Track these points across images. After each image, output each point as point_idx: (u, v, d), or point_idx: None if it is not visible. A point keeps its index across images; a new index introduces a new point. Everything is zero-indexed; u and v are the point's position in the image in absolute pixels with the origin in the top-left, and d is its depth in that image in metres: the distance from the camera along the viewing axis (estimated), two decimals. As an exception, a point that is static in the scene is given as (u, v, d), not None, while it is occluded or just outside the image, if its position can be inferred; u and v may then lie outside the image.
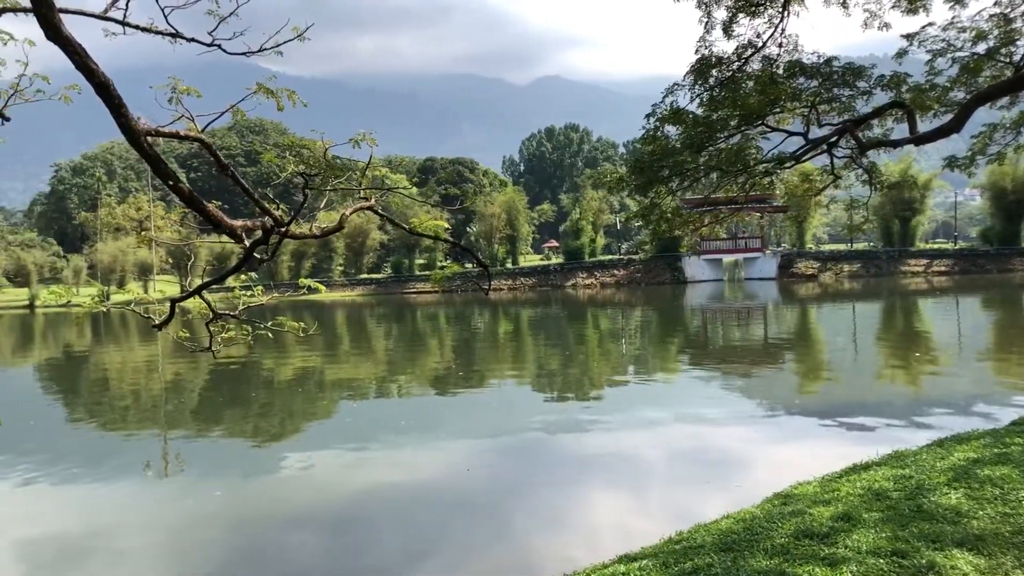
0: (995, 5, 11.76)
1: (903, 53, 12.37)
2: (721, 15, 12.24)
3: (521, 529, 9.35)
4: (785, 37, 12.20)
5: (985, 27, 11.79)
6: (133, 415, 18.81)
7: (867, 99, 11.72)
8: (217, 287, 5.69)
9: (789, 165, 12.05)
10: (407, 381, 22.87)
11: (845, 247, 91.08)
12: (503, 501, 10.56)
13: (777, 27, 12.09)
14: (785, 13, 11.96)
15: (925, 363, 21.23)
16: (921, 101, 11.37)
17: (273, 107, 4.74)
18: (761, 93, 11.25)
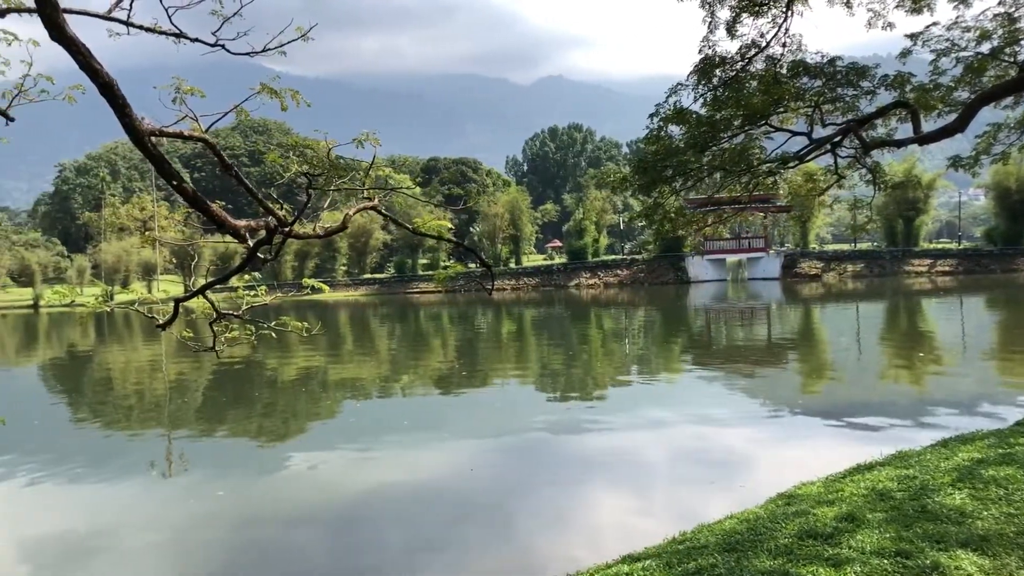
0: (999, 4, 11.73)
1: (907, 53, 12.34)
2: (725, 15, 12.25)
3: (524, 529, 9.35)
4: (789, 37, 12.20)
5: (989, 27, 11.76)
6: (137, 415, 18.84)
7: (871, 99, 11.71)
8: (221, 287, 5.71)
9: (793, 165, 12.05)
10: (410, 381, 22.88)
11: (849, 247, 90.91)
12: (506, 501, 10.56)
13: (781, 27, 12.08)
14: (789, 13, 11.95)
15: (929, 363, 21.20)
16: (925, 101, 11.36)
17: (277, 107, 4.75)
18: (765, 93, 11.25)
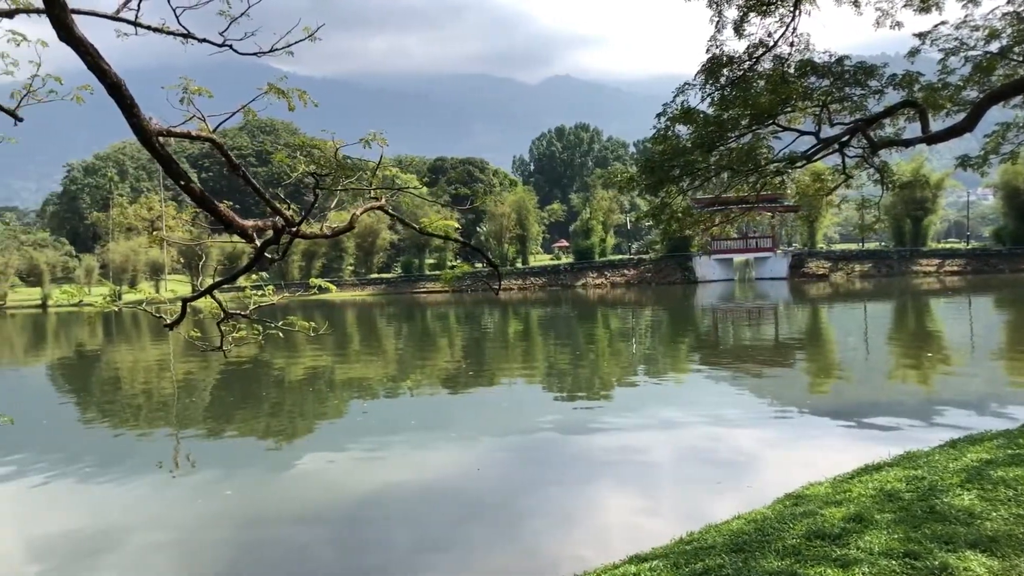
0: (1008, 3, 11.69)
1: (915, 52, 12.32)
2: (732, 14, 12.24)
3: (531, 529, 9.34)
4: (796, 36, 12.18)
5: (998, 26, 11.73)
6: (145, 414, 18.89)
7: (879, 98, 11.68)
8: (228, 287, 5.71)
9: (800, 164, 12.04)
10: (417, 380, 22.89)
11: (856, 247, 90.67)
12: (513, 500, 10.55)
13: (788, 26, 12.06)
14: (796, 12, 11.93)
15: (937, 363, 21.13)
16: (933, 100, 11.33)
17: (284, 107, 4.76)
18: (772, 92, 11.23)
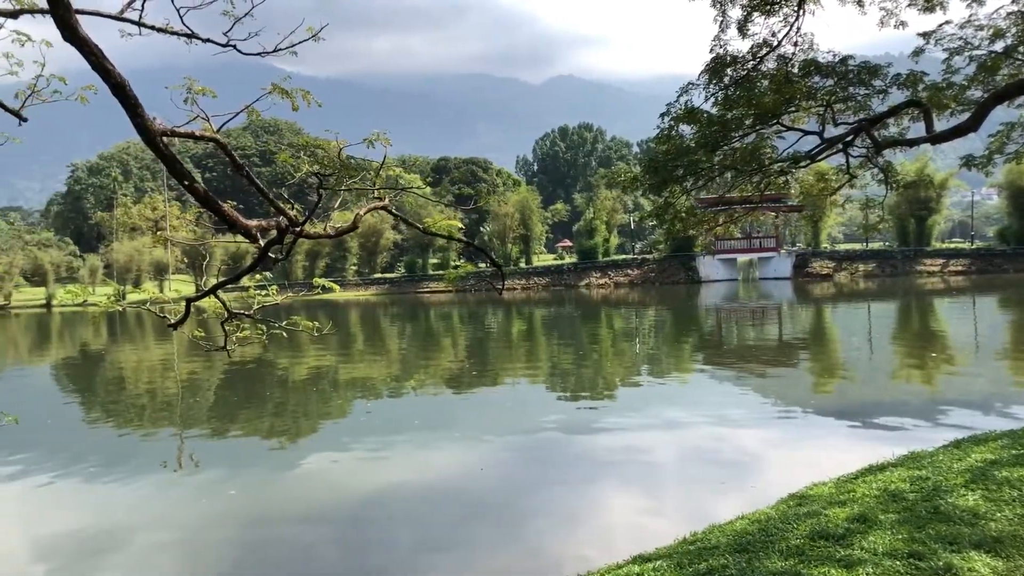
0: (1013, 3, 11.65)
1: (919, 51, 12.28)
2: (736, 14, 12.21)
3: (535, 529, 9.34)
4: (800, 36, 12.15)
5: (1003, 25, 11.69)
6: (149, 414, 18.92)
7: (883, 98, 11.64)
8: (232, 286, 5.72)
9: (804, 164, 12.00)
10: (421, 380, 22.90)
11: (860, 247, 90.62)
12: (517, 500, 10.56)
13: (792, 26, 12.04)
14: (800, 12, 11.90)
15: (941, 363, 21.09)
16: (938, 100, 11.29)
17: (288, 107, 4.76)
18: (776, 92, 11.21)
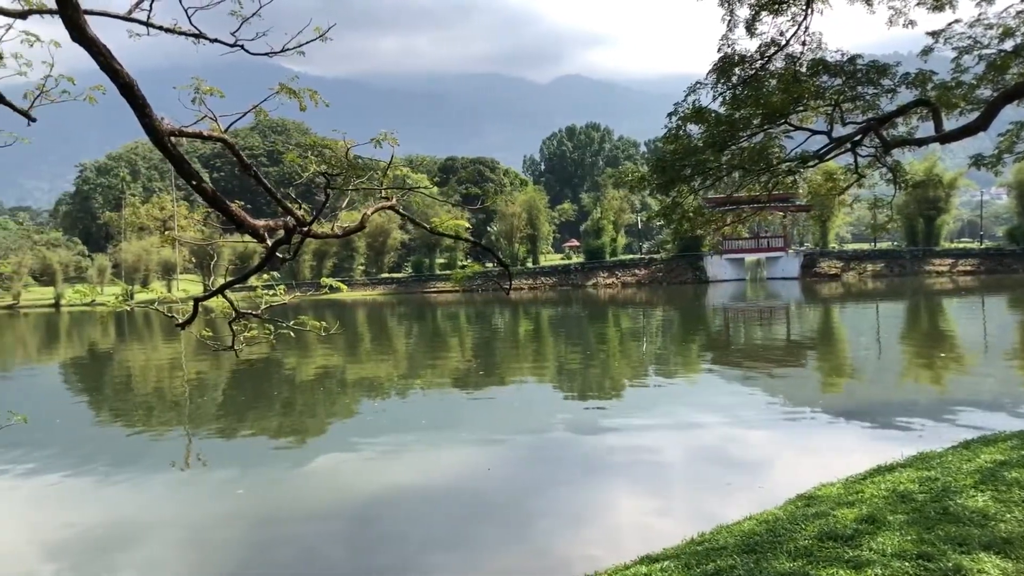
0: (1022, 1, 11.60)
1: (928, 50, 12.23)
2: (744, 13, 12.20)
3: (542, 528, 9.33)
4: (808, 35, 12.13)
5: (1012, 24, 11.63)
6: (157, 414, 18.97)
7: (892, 97, 11.61)
8: (240, 286, 5.72)
9: (812, 164, 11.98)
10: (428, 380, 22.91)
11: (869, 246, 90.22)
12: (524, 500, 10.55)
13: (800, 25, 12.01)
14: (809, 11, 11.88)
15: (950, 363, 21.01)
16: (947, 99, 11.25)
17: (295, 107, 4.76)
18: (784, 91, 11.19)
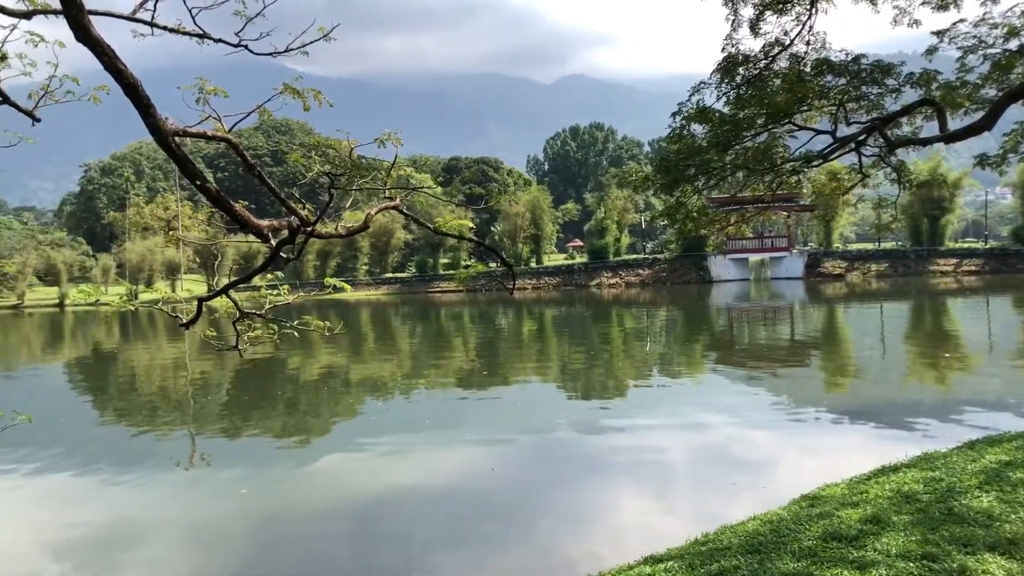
0: (1028, 1, 11.56)
1: (933, 50, 12.18)
2: (748, 13, 12.16)
3: (546, 528, 9.33)
4: (813, 35, 12.09)
5: (1018, 23, 11.58)
6: (161, 414, 18.99)
7: (896, 97, 11.58)
8: (244, 286, 5.72)
9: (817, 164, 11.95)
10: (431, 380, 22.91)
11: (873, 246, 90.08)
12: (528, 500, 10.55)
13: (805, 24, 11.98)
14: (813, 10, 11.85)
15: (955, 364, 20.97)
16: (951, 99, 11.21)
17: (299, 107, 4.76)
18: (788, 91, 11.16)
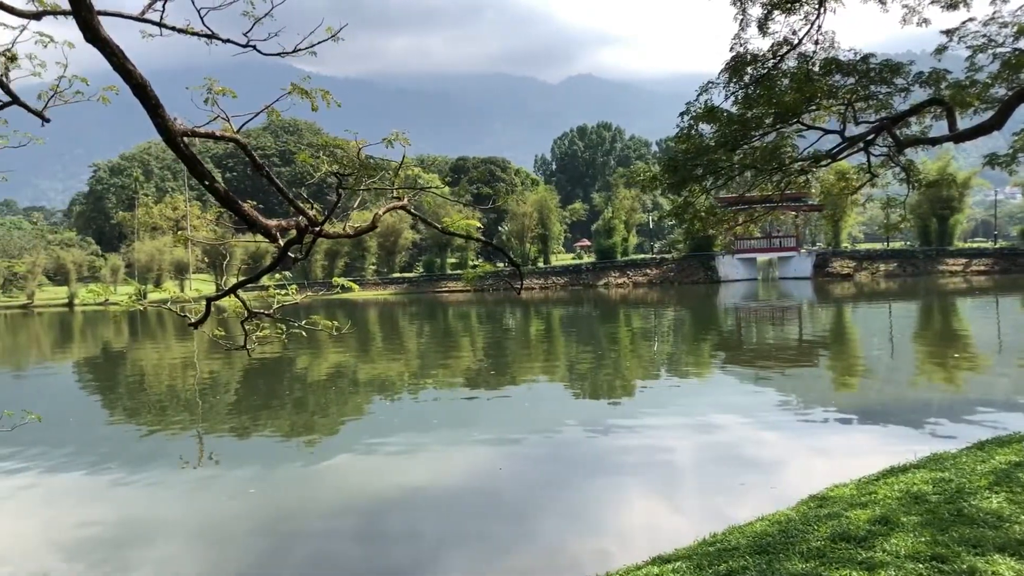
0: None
1: (942, 49, 12.14)
2: (756, 12, 12.14)
3: (554, 528, 9.33)
4: (821, 34, 12.06)
5: (1027, 22, 11.54)
6: (170, 413, 19.05)
7: (905, 96, 11.54)
8: (252, 286, 5.74)
9: (825, 163, 11.92)
10: (440, 380, 22.92)
11: (881, 246, 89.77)
12: (536, 500, 10.55)
13: (813, 24, 11.95)
14: (822, 9, 11.82)
15: (964, 364, 20.89)
16: (961, 98, 11.16)
17: (307, 107, 4.77)
18: (797, 91, 11.13)
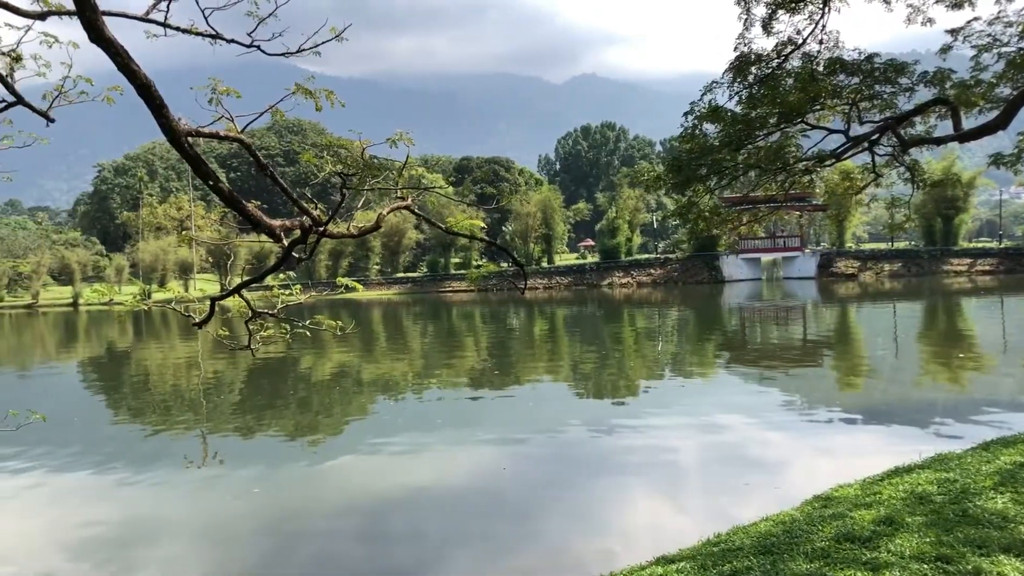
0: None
1: (947, 49, 12.12)
2: (760, 12, 12.14)
3: (558, 528, 9.33)
4: (826, 33, 12.06)
5: (1032, 21, 11.51)
6: (175, 413, 19.07)
7: (909, 96, 11.53)
8: (256, 286, 5.74)
9: (829, 163, 11.91)
10: (443, 379, 22.92)
11: (886, 246, 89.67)
12: (539, 500, 10.55)
13: (817, 23, 11.95)
14: (826, 9, 11.81)
15: (969, 364, 20.84)
16: (966, 97, 11.15)
17: (311, 107, 4.78)
18: (801, 90, 11.12)
